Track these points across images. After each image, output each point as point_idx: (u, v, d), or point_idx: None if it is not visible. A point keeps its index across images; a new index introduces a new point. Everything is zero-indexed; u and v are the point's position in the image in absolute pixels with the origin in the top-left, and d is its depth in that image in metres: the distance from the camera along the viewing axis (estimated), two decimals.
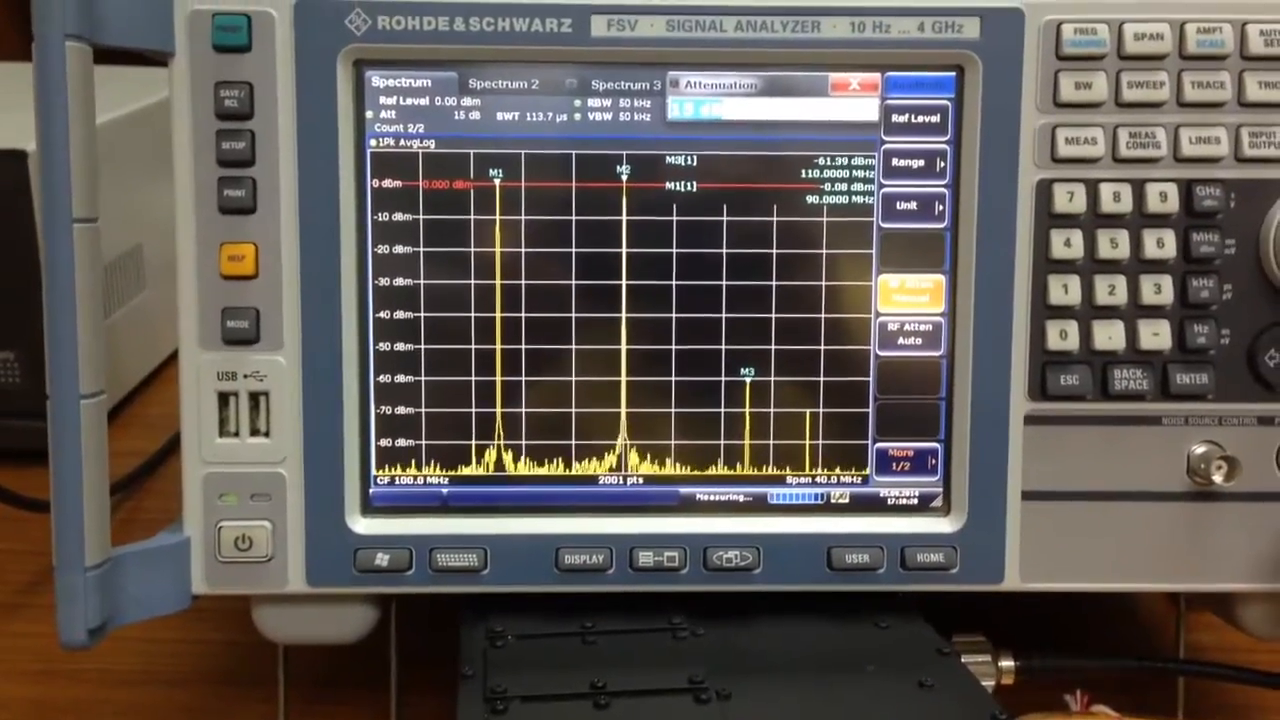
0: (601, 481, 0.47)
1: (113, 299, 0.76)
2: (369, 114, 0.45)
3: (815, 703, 0.42)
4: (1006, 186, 0.45)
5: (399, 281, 0.46)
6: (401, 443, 0.46)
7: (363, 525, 0.46)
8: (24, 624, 0.58)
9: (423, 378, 0.46)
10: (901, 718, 0.42)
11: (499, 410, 0.46)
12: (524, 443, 0.46)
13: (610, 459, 0.47)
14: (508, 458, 0.46)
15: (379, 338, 0.46)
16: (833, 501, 0.47)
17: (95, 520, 0.42)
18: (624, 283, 0.46)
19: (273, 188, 0.44)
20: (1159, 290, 0.45)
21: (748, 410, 0.47)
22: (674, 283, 0.46)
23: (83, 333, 0.41)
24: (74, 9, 0.41)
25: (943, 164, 0.46)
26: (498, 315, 0.46)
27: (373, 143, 0.45)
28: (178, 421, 0.45)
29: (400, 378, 0.46)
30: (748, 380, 0.46)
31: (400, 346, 0.46)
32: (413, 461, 0.46)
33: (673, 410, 0.46)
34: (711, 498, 0.47)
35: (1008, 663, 0.48)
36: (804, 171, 0.46)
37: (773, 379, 0.46)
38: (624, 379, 0.46)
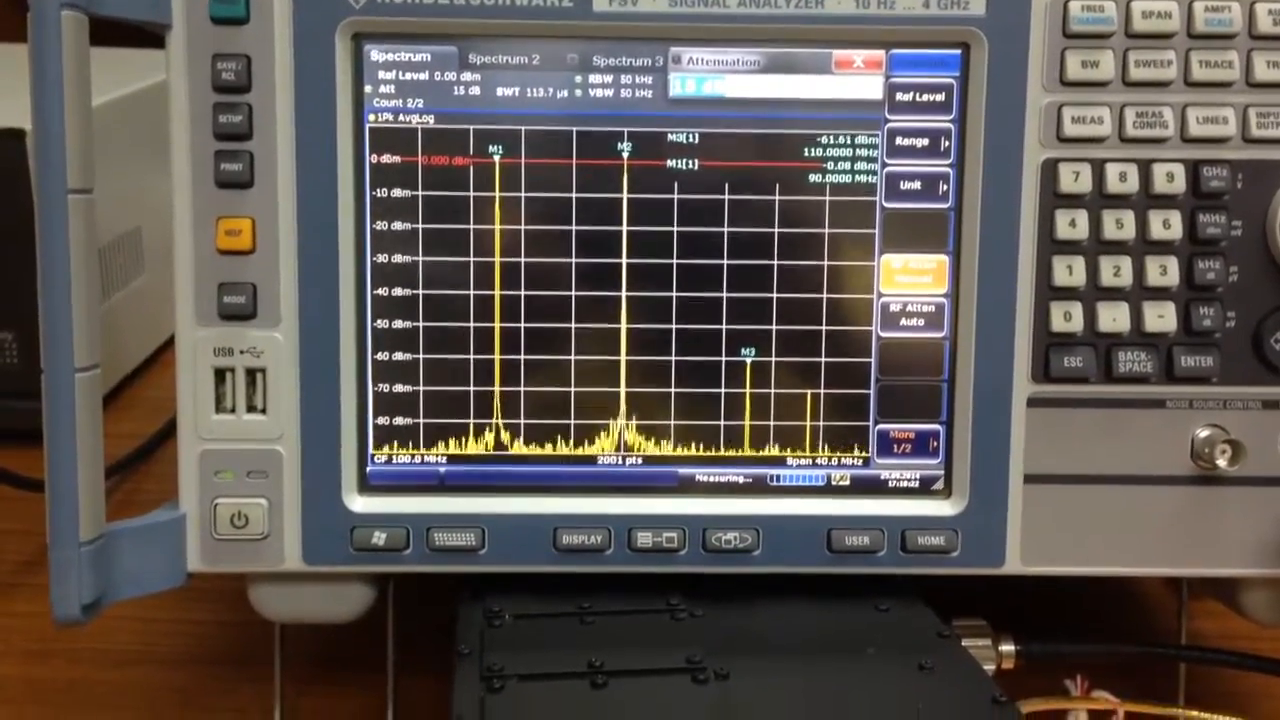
0: (600, 461, 0.46)
1: (112, 282, 0.76)
2: (368, 88, 0.45)
3: (814, 684, 0.42)
4: (1011, 166, 0.44)
5: (397, 258, 0.45)
6: (399, 421, 0.46)
7: (360, 504, 0.45)
8: (22, 604, 0.58)
9: (421, 356, 0.46)
10: (901, 700, 0.41)
11: (497, 389, 0.46)
12: (522, 422, 0.46)
13: (609, 439, 0.46)
14: (506, 437, 0.46)
15: (377, 315, 0.45)
16: (833, 484, 0.47)
17: (89, 495, 0.42)
18: (624, 261, 0.45)
19: (270, 162, 0.43)
20: (1164, 272, 0.44)
21: (748, 391, 0.46)
22: (674, 261, 0.45)
23: (77, 305, 0.41)
24: None
25: (947, 143, 0.45)
26: (496, 293, 0.45)
27: (371, 118, 0.45)
28: (175, 404, 0.45)
29: (398, 355, 0.46)
30: (748, 360, 0.46)
31: (398, 324, 0.46)
32: (410, 440, 0.46)
33: (673, 390, 0.46)
34: (711, 479, 0.47)
35: (1008, 647, 0.47)
36: (807, 150, 0.45)
37: (774, 359, 0.46)
38: (623, 358, 0.46)
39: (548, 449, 0.46)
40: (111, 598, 0.44)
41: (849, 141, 0.45)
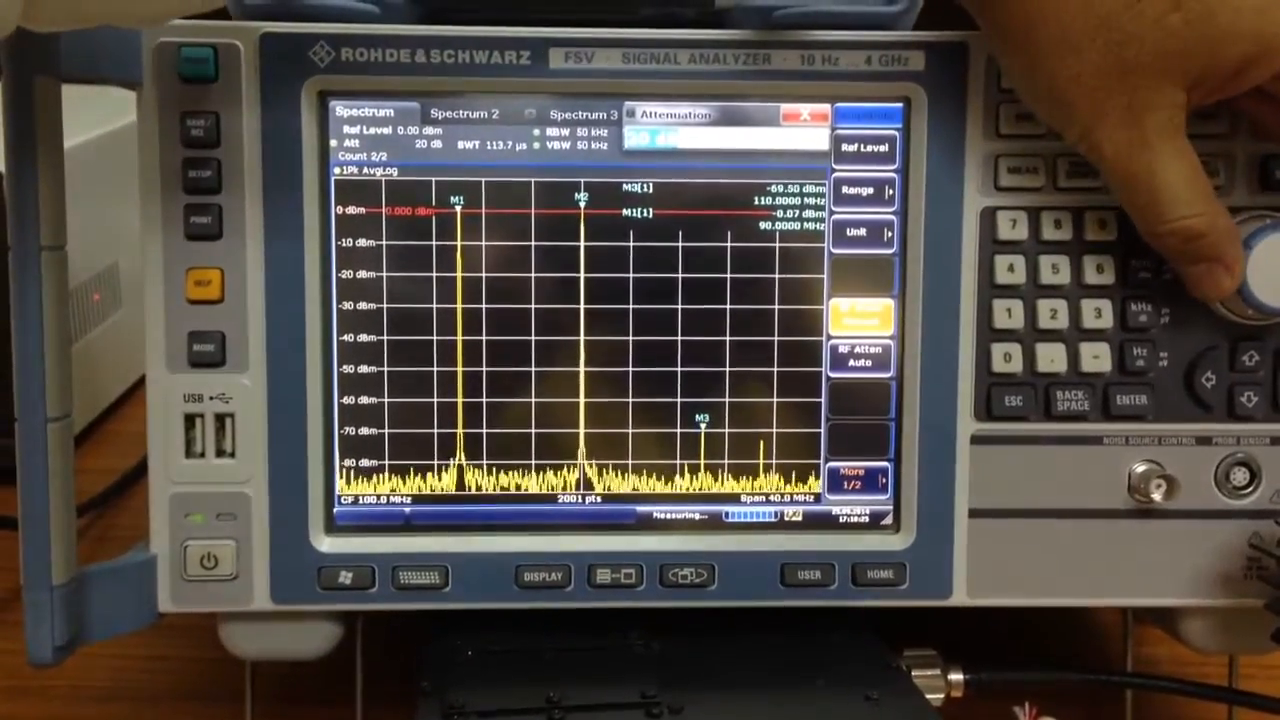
0: (561, 500, 0.48)
1: (91, 316, 0.77)
2: (333, 143, 0.46)
3: (762, 716, 0.43)
4: (952, 214, 0.46)
5: (363, 305, 0.47)
6: (365, 463, 0.47)
7: (327, 544, 0.47)
8: None
9: (386, 399, 0.47)
10: None
11: (460, 431, 0.47)
12: (485, 462, 0.47)
13: (569, 478, 0.48)
14: (469, 477, 0.48)
15: (343, 360, 0.47)
16: (786, 519, 0.48)
17: (62, 540, 0.43)
18: (582, 307, 0.47)
19: (239, 214, 0.45)
20: (1099, 314, 0.46)
21: (703, 431, 0.48)
22: (631, 307, 0.47)
23: (49, 357, 0.42)
24: (42, 45, 0.42)
25: (891, 192, 0.47)
26: (459, 338, 0.47)
27: (337, 170, 0.46)
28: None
29: (364, 399, 0.47)
30: (703, 401, 0.48)
31: (364, 369, 0.47)
32: (376, 481, 0.47)
33: (630, 431, 0.48)
34: (668, 516, 0.48)
35: (957, 676, 0.49)
36: (757, 199, 0.47)
37: (727, 400, 0.48)
38: (583, 400, 0.47)
39: (510, 489, 0.48)
40: (84, 639, 0.45)
41: (797, 191, 0.47)
